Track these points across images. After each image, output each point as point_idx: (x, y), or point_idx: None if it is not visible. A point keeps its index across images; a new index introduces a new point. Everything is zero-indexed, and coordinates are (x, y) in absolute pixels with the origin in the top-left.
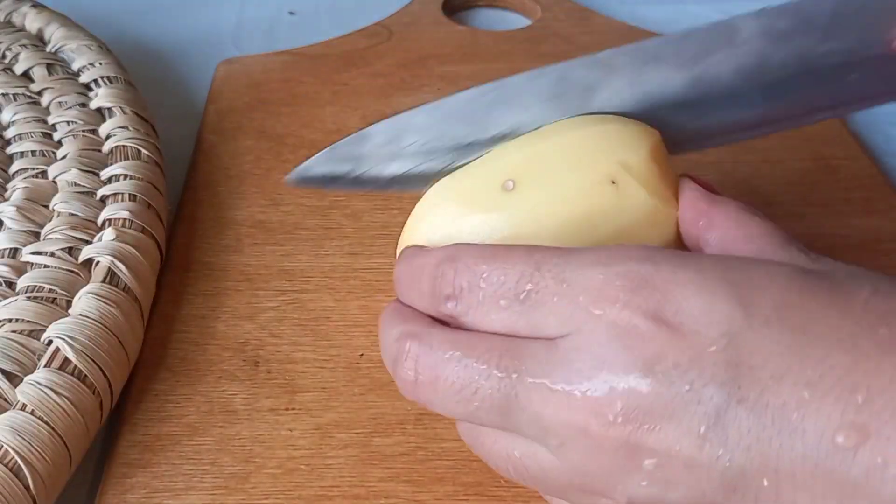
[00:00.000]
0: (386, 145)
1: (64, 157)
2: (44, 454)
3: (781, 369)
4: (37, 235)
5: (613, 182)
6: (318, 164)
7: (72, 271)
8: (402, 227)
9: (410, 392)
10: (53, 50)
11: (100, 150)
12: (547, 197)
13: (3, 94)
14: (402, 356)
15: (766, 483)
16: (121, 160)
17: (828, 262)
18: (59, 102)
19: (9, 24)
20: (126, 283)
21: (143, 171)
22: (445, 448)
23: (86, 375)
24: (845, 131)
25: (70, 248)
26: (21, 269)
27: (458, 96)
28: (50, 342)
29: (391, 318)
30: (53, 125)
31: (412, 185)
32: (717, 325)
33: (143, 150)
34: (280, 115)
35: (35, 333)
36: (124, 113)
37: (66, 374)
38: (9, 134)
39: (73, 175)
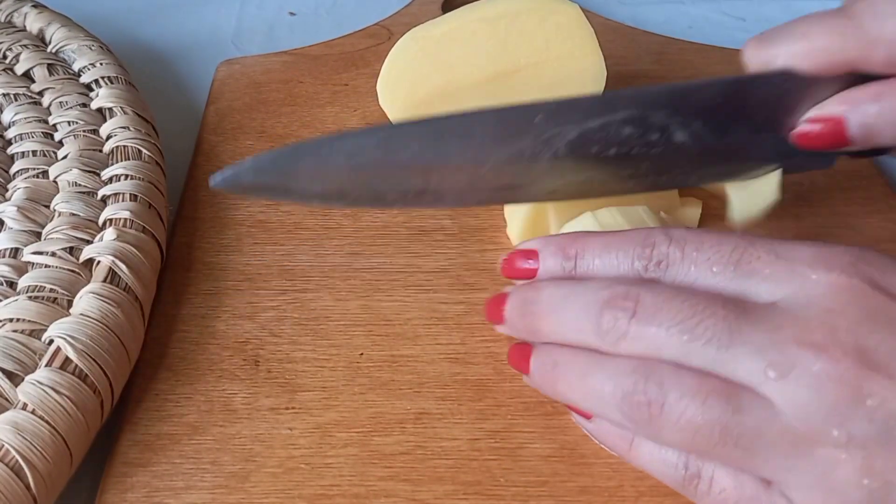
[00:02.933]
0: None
1: (65, 158)
2: (45, 453)
3: None
4: (38, 235)
5: None
6: (247, 173)
7: (73, 271)
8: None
9: (620, 329)
10: (54, 50)
11: (101, 151)
12: None
13: (4, 95)
14: (619, 303)
15: None
16: (122, 160)
17: None
18: (60, 103)
19: (9, 24)
20: (127, 283)
21: (144, 171)
22: (445, 447)
23: (87, 375)
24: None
25: (71, 248)
26: (22, 269)
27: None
28: (51, 342)
29: (584, 288)
30: (54, 125)
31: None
32: None
33: (144, 150)
34: (280, 115)
35: (36, 333)
36: (125, 113)
37: (67, 374)
38: (10, 134)
39: (74, 175)
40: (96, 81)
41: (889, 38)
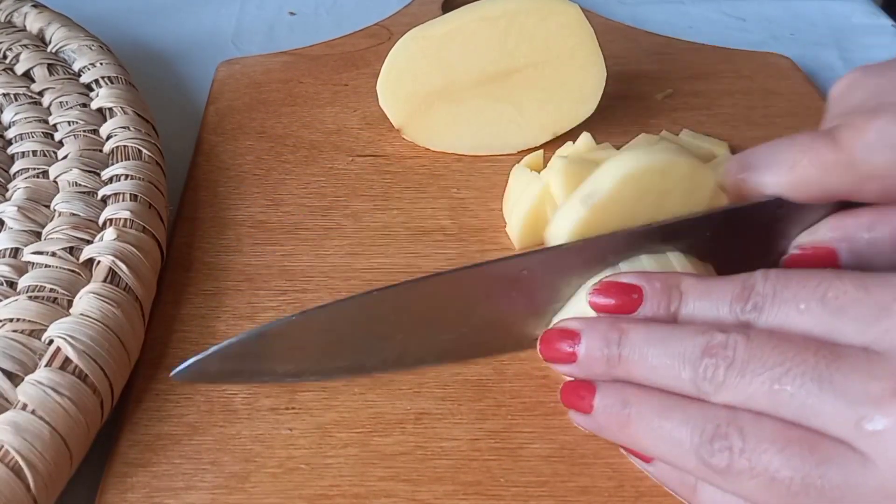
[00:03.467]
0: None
1: (65, 157)
2: (45, 454)
3: None
4: (38, 235)
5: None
6: (213, 362)
7: (73, 271)
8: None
9: (718, 378)
10: (54, 50)
11: (101, 150)
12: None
13: (5, 95)
14: (717, 352)
15: None
16: (122, 160)
17: None
18: (60, 102)
19: (9, 24)
20: (127, 283)
21: (144, 171)
22: (445, 447)
23: (87, 375)
24: None
25: (71, 248)
26: (22, 269)
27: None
28: (51, 342)
29: (682, 332)
30: (54, 125)
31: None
32: None
33: (144, 150)
34: (280, 115)
35: (36, 333)
36: (125, 113)
37: (67, 374)
38: (10, 134)
39: (75, 175)
40: (96, 81)
41: (882, 172)
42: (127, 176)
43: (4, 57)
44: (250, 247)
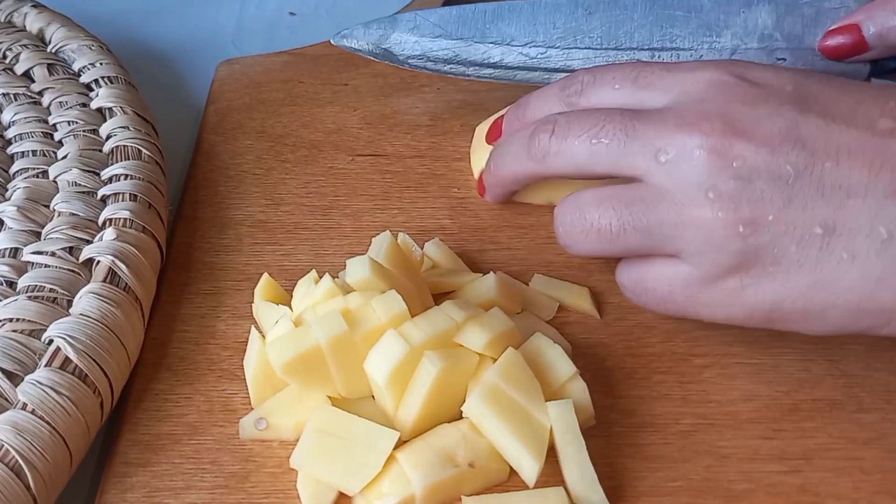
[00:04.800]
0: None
1: (65, 157)
2: (44, 453)
3: (834, 98)
4: (38, 235)
5: None
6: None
7: (72, 271)
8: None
9: (543, 147)
10: (54, 50)
11: (100, 150)
12: None
13: (4, 95)
14: (542, 128)
15: (827, 164)
16: (121, 160)
17: None
18: (60, 102)
19: (9, 24)
20: (127, 283)
21: (144, 171)
22: None
23: (86, 375)
24: None
25: (71, 248)
26: (22, 269)
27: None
28: (51, 341)
29: (522, 130)
30: (54, 125)
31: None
32: (787, 78)
33: (144, 150)
34: (280, 115)
35: (36, 333)
36: (125, 113)
37: (66, 374)
38: (9, 134)
39: (74, 175)
40: (96, 81)
41: None
42: (127, 176)
43: (4, 57)
44: (250, 246)
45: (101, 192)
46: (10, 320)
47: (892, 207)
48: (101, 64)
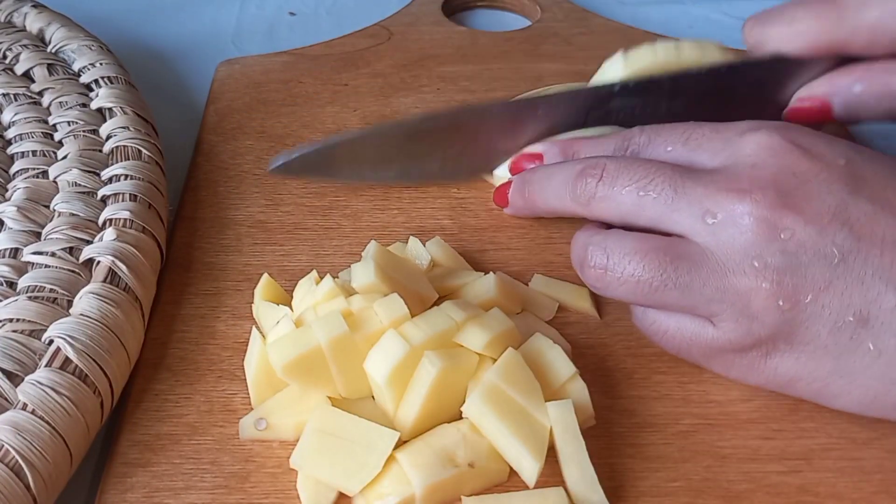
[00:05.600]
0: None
1: (65, 158)
2: (44, 453)
3: (885, 183)
4: (38, 235)
5: None
6: (296, 163)
7: (73, 271)
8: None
9: (589, 191)
10: (54, 50)
11: (100, 151)
12: None
13: (4, 95)
14: (590, 172)
15: (873, 252)
16: (121, 160)
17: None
18: (60, 103)
19: (9, 24)
20: (127, 283)
21: (144, 171)
22: None
23: (86, 375)
24: (844, 131)
25: (71, 248)
26: (22, 269)
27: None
28: (51, 342)
29: (565, 163)
30: (54, 125)
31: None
32: (840, 153)
33: (144, 151)
34: (280, 115)
35: (36, 333)
36: (125, 113)
37: (66, 374)
38: (9, 134)
39: (74, 175)
40: (96, 81)
41: (869, 24)
42: (127, 176)
43: (4, 57)
44: (250, 247)
45: (101, 193)
46: (11, 320)
47: None
48: (101, 64)
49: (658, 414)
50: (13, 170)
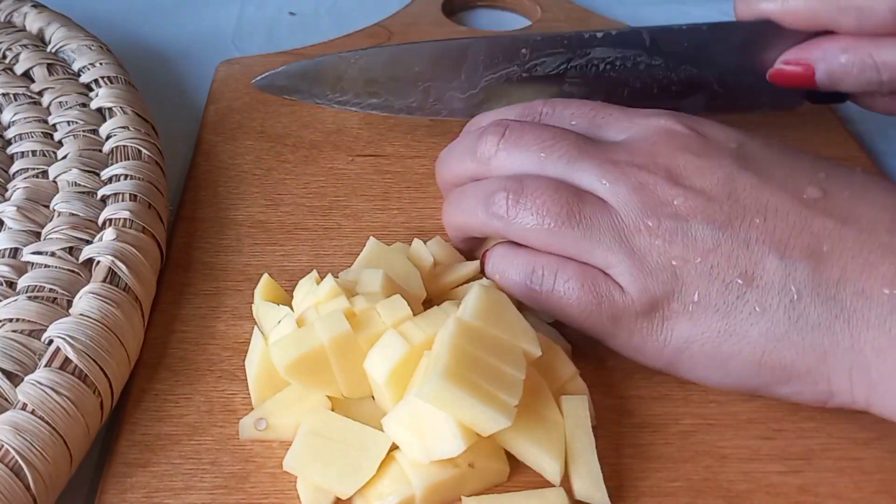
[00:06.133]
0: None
1: (64, 157)
2: (44, 454)
3: (771, 161)
4: (37, 235)
5: None
6: (280, 77)
7: (72, 271)
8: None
9: (490, 150)
10: (54, 50)
11: (100, 150)
12: None
13: (4, 95)
14: (492, 129)
15: (756, 220)
16: (121, 160)
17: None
18: (60, 102)
19: (9, 24)
20: (126, 283)
21: (144, 171)
22: None
23: (86, 375)
24: (845, 131)
25: (71, 248)
26: (22, 269)
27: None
28: (50, 342)
29: (471, 128)
30: (54, 125)
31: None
32: (733, 138)
33: (144, 150)
34: (280, 115)
35: (36, 333)
36: (125, 113)
37: (66, 374)
38: (9, 134)
39: (74, 175)
40: (96, 81)
41: (858, 4)
42: (126, 176)
43: (4, 57)
44: (250, 247)
45: (100, 193)
46: (10, 320)
47: (804, 269)
48: (101, 64)
49: (658, 414)
50: (13, 170)
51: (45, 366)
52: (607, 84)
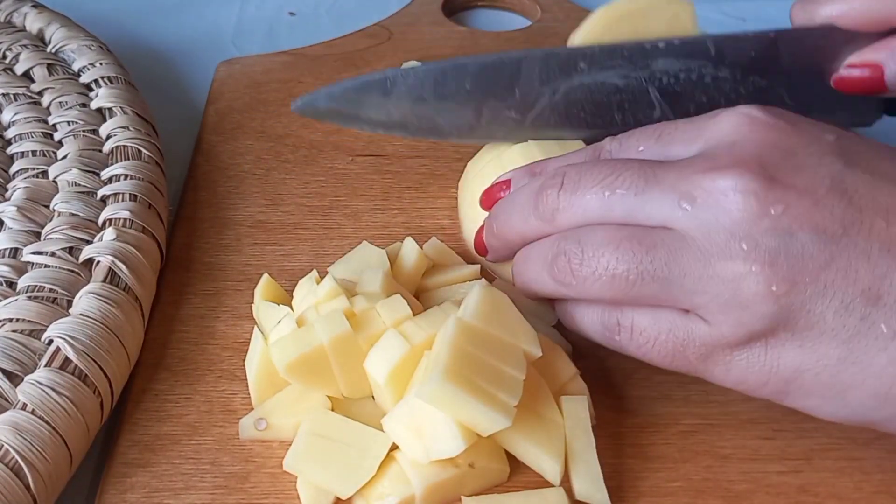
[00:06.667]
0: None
1: (64, 157)
2: (44, 454)
3: (877, 156)
4: (37, 235)
5: None
6: (321, 98)
7: (72, 271)
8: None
9: (552, 204)
10: (54, 50)
11: (100, 150)
12: None
13: (4, 95)
14: (550, 182)
15: (877, 223)
16: (121, 160)
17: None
18: (60, 102)
19: (9, 24)
20: (126, 283)
21: (144, 171)
22: None
23: (86, 375)
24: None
25: (71, 248)
26: (22, 269)
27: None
28: (50, 342)
29: (525, 185)
30: (54, 125)
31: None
32: (827, 129)
33: (144, 151)
34: (280, 115)
35: (36, 333)
36: (125, 113)
37: (66, 374)
38: (9, 134)
39: (74, 175)
40: (96, 81)
41: None
42: (126, 176)
43: (4, 57)
44: (250, 247)
45: (100, 193)
46: (10, 320)
47: None
48: (101, 64)
49: (658, 414)
50: (13, 170)
51: (45, 366)
52: (671, 99)
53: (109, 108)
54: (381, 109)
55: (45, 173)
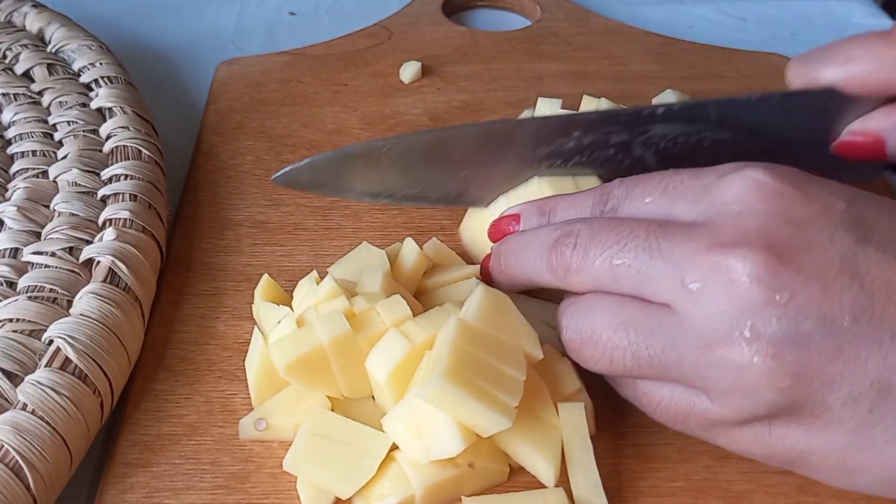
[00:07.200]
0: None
1: (65, 157)
2: (44, 454)
3: (893, 227)
4: (37, 235)
5: None
6: (304, 171)
7: (72, 271)
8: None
9: (566, 263)
10: (54, 50)
11: (100, 150)
12: None
13: (4, 95)
14: (564, 240)
15: (890, 310)
16: (121, 160)
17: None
18: (60, 102)
19: (9, 24)
20: (126, 283)
21: (144, 171)
22: None
23: (86, 375)
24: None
25: (71, 248)
26: (22, 269)
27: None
28: (51, 342)
29: (539, 231)
30: (54, 125)
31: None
32: (838, 194)
33: (144, 150)
34: (280, 115)
35: (36, 333)
36: (125, 113)
37: (66, 374)
38: (9, 134)
39: (74, 175)
40: (96, 81)
41: None
42: (126, 176)
43: (4, 57)
44: (250, 247)
45: (101, 193)
46: (10, 320)
47: None
48: (101, 64)
49: None
50: (13, 170)
51: (46, 366)
52: (669, 162)
53: (109, 108)
54: (366, 180)
55: (45, 173)
